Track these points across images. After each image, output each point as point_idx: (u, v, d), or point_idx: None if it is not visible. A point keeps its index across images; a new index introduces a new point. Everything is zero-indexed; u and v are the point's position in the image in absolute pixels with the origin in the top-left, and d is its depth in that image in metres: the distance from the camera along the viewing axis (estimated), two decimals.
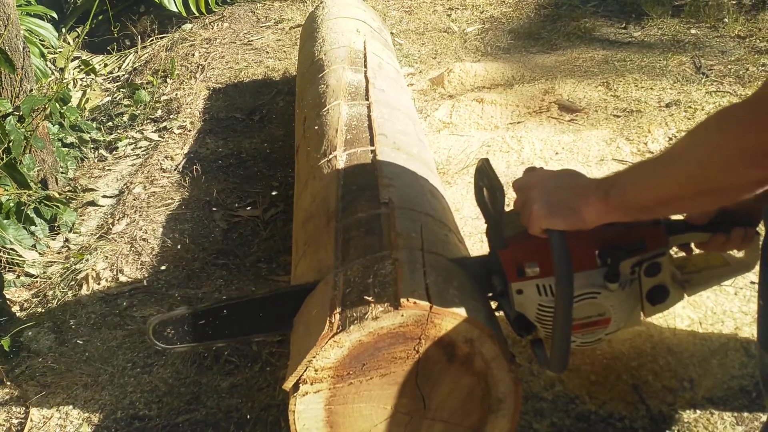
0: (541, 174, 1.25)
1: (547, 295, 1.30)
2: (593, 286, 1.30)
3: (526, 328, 1.35)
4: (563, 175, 1.22)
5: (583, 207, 1.14)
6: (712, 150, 0.95)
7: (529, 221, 1.21)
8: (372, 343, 1.24)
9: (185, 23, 4.75)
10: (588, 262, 1.29)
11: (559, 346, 1.26)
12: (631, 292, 1.35)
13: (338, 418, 1.30)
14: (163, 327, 1.41)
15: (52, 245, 2.59)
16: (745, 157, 0.90)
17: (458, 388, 1.31)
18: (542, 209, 1.18)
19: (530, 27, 4.07)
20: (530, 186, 1.22)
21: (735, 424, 1.58)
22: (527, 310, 1.33)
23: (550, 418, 1.62)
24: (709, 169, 0.96)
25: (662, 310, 1.41)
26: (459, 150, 2.80)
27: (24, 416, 1.83)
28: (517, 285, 1.31)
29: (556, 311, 1.23)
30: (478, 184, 1.37)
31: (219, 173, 2.92)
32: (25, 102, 2.65)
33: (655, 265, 1.32)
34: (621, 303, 1.33)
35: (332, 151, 1.87)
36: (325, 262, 1.47)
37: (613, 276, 1.29)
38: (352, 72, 2.35)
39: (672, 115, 2.86)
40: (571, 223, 1.16)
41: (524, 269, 1.30)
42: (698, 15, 3.88)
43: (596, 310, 1.33)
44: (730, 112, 0.94)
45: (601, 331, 1.37)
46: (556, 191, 1.18)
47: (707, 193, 0.98)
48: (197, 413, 1.78)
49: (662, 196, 1.04)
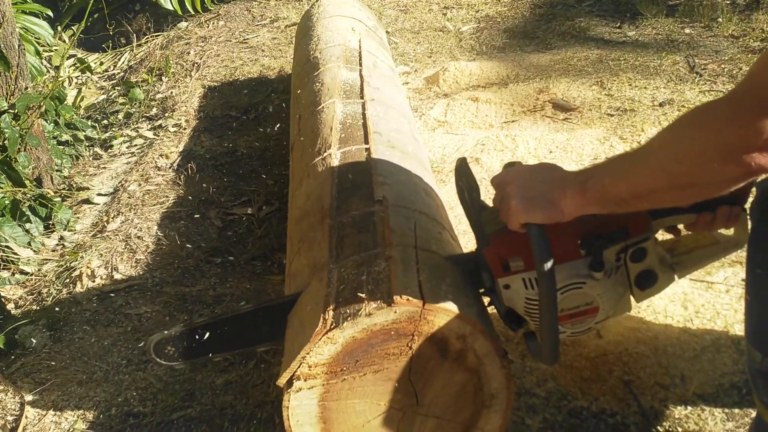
0: (518, 169, 1.25)
1: (534, 288, 1.30)
2: (578, 276, 1.31)
3: (517, 322, 1.36)
4: (540, 169, 1.22)
5: (561, 199, 1.14)
6: (689, 145, 0.96)
7: (508, 217, 1.21)
8: (365, 339, 1.25)
9: (181, 21, 4.74)
10: (571, 253, 1.30)
11: (547, 338, 1.27)
12: (618, 279, 1.35)
13: (332, 414, 1.31)
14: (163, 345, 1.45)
15: (47, 243, 2.59)
16: (723, 153, 0.91)
17: (451, 384, 1.32)
18: (520, 204, 1.18)
19: (525, 26, 4.08)
20: (507, 182, 1.22)
21: (725, 420, 1.59)
22: (516, 304, 1.34)
23: (542, 413, 1.63)
24: (685, 164, 0.96)
25: (652, 294, 1.41)
26: (454, 148, 2.81)
27: (19, 413, 1.83)
28: (504, 280, 1.32)
29: (541, 304, 1.24)
30: (459, 184, 1.39)
31: (214, 171, 2.92)
32: (21, 100, 2.65)
33: (640, 250, 1.33)
34: (608, 291, 1.34)
35: (327, 149, 1.88)
36: (319, 260, 1.48)
37: (597, 265, 1.29)
38: (347, 70, 2.35)
39: (665, 114, 2.87)
40: (550, 216, 1.16)
41: (509, 264, 1.31)
42: (692, 15, 3.90)
43: (583, 299, 1.34)
44: (708, 107, 0.95)
45: (591, 320, 1.37)
46: (534, 185, 1.19)
47: (683, 188, 0.99)
48: (192, 410, 1.78)
49: (638, 189, 1.05)
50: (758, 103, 0.87)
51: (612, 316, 1.39)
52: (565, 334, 1.40)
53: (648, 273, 1.36)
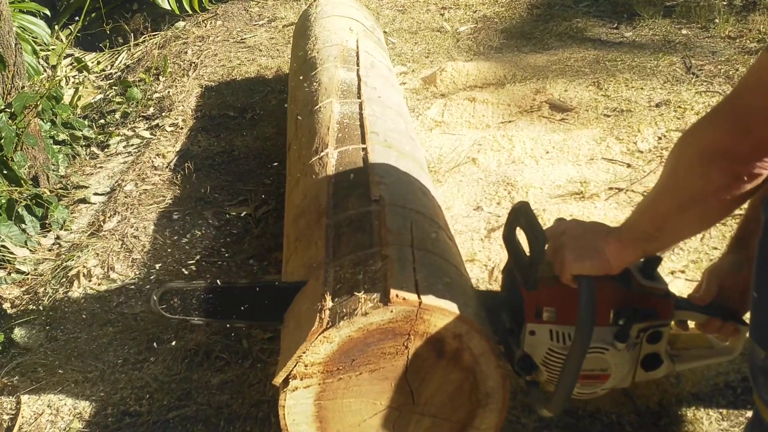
0: (570, 222, 1.31)
1: (559, 341, 1.33)
2: (603, 342, 1.34)
3: (529, 369, 1.37)
4: (589, 223, 1.29)
5: (605, 247, 1.20)
6: (680, 157, 1.03)
7: (562, 268, 1.25)
8: (362, 338, 1.25)
9: (178, 21, 4.74)
10: (603, 319, 1.33)
11: (563, 391, 1.30)
12: (632, 355, 1.39)
13: (328, 413, 1.31)
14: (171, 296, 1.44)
15: (43, 242, 2.58)
16: (703, 158, 0.97)
17: (447, 383, 1.32)
18: (572, 253, 1.23)
19: (522, 27, 4.09)
20: (560, 233, 1.28)
21: (720, 420, 1.60)
22: (535, 351, 1.36)
23: (537, 413, 1.63)
24: (680, 176, 1.03)
25: (651, 377, 1.45)
26: (450, 148, 2.82)
27: (15, 412, 1.83)
28: (532, 326, 1.34)
29: (570, 357, 1.27)
30: (513, 223, 1.40)
31: (211, 171, 2.92)
32: (17, 99, 2.64)
33: (658, 333, 1.37)
34: (622, 363, 1.37)
35: (324, 149, 1.88)
36: (316, 259, 1.48)
37: (623, 336, 1.33)
38: (344, 70, 2.36)
39: (662, 115, 2.88)
40: (598, 265, 1.21)
41: (542, 312, 1.33)
42: (689, 16, 3.91)
43: (600, 364, 1.37)
44: (698, 121, 1.02)
45: (599, 385, 1.41)
46: (584, 235, 1.24)
47: (687, 206, 1.04)
48: (188, 409, 1.78)
49: (657, 219, 1.11)
50: (734, 111, 0.93)
51: (614, 387, 1.42)
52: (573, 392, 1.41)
53: (655, 356, 1.40)
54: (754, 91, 0.92)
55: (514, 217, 1.40)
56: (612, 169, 2.60)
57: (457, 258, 1.57)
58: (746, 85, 0.95)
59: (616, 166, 2.61)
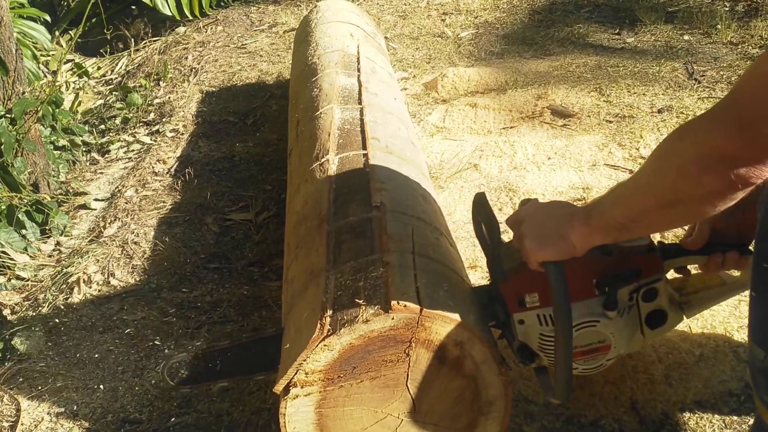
0: (530, 207, 1.29)
1: (548, 324, 1.32)
2: (592, 314, 1.33)
3: (530, 357, 1.37)
4: (551, 206, 1.26)
5: (570, 232, 1.18)
6: (672, 158, 1.00)
7: (527, 256, 1.25)
8: (362, 346, 1.24)
9: (179, 26, 4.74)
10: (586, 292, 1.32)
11: (561, 374, 1.29)
12: (630, 318, 1.38)
13: (328, 421, 1.30)
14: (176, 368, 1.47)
15: (43, 248, 2.58)
16: (700, 163, 0.94)
17: (448, 391, 1.32)
18: (533, 242, 1.22)
19: (524, 32, 4.08)
20: (520, 221, 1.27)
21: (723, 428, 1.58)
22: (530, 339, 1.36)
23: (540, 421, 1.62)
24: (669, 177, 1.00)
25: (662, 333, 1.44)
26: (452, 154, 2.81)
27: (15, 419, 1.82)
28: (519, 315, 1.34)
29: (557, 341, 1.26)
30: (476, 218, 1.40)
31: (211, 177, 2.91)
32: (17, 105, 2.64)
33: (652, 290, 1.36)
34: (620, 329, 1.36)
35: (325, 155, 1.88)
36: (316, 265, 1.48)
37: (611, 304, 1.32)
38: (345, 76, 2.35)
39: (664, 121, 2.87)
40: (562, 251, 1.19)
41: (525, 300, 1.33)
42: (691, 21, 3.90)
43: (596, 337, 1.36)
44: (692, 121, 0.98)
45: (603, 357, 1.40)
46: (546, 222, 1.23)
47: (670, 205, 1.01)
48: (188, 417, 1.77)
49: (633, 212, 1.08)
50: (737, 118, 0.90)
51: (623, 353, 1.42)
52: (578, 370, 1.42)
53: (658, 312, 1.39)
54: (758, 97, 0.89)
55: (474, 211, 1.40)
56: (614, 175, 2.59)
57: (459, 265, 1.56)
58: (749, 91, 0.91)
59: (619, 172, 2.60)
